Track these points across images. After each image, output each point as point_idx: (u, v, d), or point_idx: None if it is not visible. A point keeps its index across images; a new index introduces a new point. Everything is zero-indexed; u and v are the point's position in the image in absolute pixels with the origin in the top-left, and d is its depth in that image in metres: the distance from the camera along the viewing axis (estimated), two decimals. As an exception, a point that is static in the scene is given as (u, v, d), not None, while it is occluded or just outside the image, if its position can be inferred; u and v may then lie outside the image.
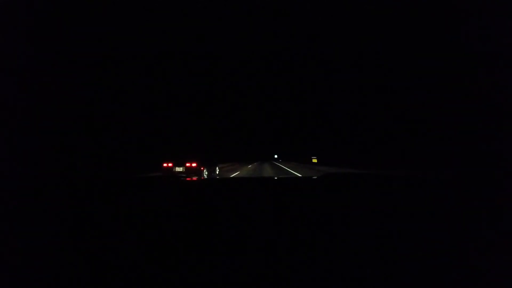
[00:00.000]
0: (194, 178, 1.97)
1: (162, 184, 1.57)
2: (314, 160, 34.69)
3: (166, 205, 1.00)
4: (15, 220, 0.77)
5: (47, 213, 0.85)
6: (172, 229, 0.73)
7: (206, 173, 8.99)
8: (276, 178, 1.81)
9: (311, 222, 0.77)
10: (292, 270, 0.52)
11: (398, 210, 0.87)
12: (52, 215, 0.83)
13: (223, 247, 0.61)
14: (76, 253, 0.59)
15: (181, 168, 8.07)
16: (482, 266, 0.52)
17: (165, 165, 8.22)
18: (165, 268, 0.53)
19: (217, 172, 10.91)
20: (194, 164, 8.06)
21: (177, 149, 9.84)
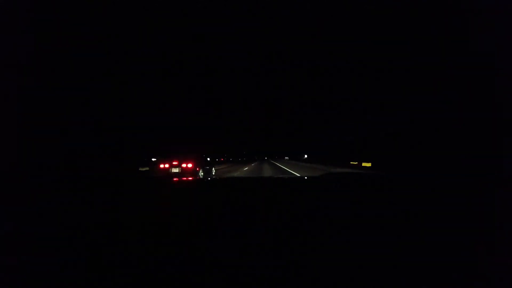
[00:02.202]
0: (190, 178, 1.97)
1: (164, 183, 1.57)
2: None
3: (165, 202, 1.00)
4: (18, 219, 0.76)
5: (54, 211, 0.83)
6: (172, 226, 0.73)
7: (202, 174, 9.13)
8: (275, 177, 1.80)
9: (312, 222, 0.77)
10: (293, 270, 0.51)
11: (399, 210, 0.87)
12: (59, 214, 0.82)
13: (223, 246, 0.61)
14: (83, 249, 0.59)
15: (177, 169, 8.31)
16: (482, 266, 0.53)
17: (161, 166, 8.45)
18: (167, 265, 0.53)
19: (213, 173, 11.05)
20: (190, 165, 8.35)
21: (174, 149, 10.05)
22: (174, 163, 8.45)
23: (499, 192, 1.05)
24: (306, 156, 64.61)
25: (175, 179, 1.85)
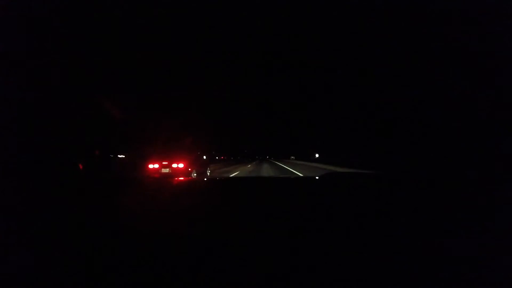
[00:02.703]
0: (184, 178, 1.95)
1: (156, 184, 1.56)
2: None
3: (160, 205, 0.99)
4: (18, 219, 0.76)
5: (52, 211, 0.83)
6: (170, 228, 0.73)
7: (195, 174, 8.62)
8: (275, 178, 1.80)
9: (313, 222, 0.77)
10: (294, 271, 0.51)
11: (400, 210, 0.87)
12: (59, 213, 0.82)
13: (223, 246, 0.61)
14: (82, 250, 0.59)
15: (167, 169, 7.61)
16: (482, 266, 0.52)
17: (151, 166, 7.69)
18: (167, 266, 0.53)
19: (208, 174, 10.69)
20: (181, 165, 7.61)
21: (164, 148, 9.34)
22: (164, 162, 7.70)
23: (499, 192, 1.05)
24: (317, 155, 56.77)
25: (168, 180, 1.83)
